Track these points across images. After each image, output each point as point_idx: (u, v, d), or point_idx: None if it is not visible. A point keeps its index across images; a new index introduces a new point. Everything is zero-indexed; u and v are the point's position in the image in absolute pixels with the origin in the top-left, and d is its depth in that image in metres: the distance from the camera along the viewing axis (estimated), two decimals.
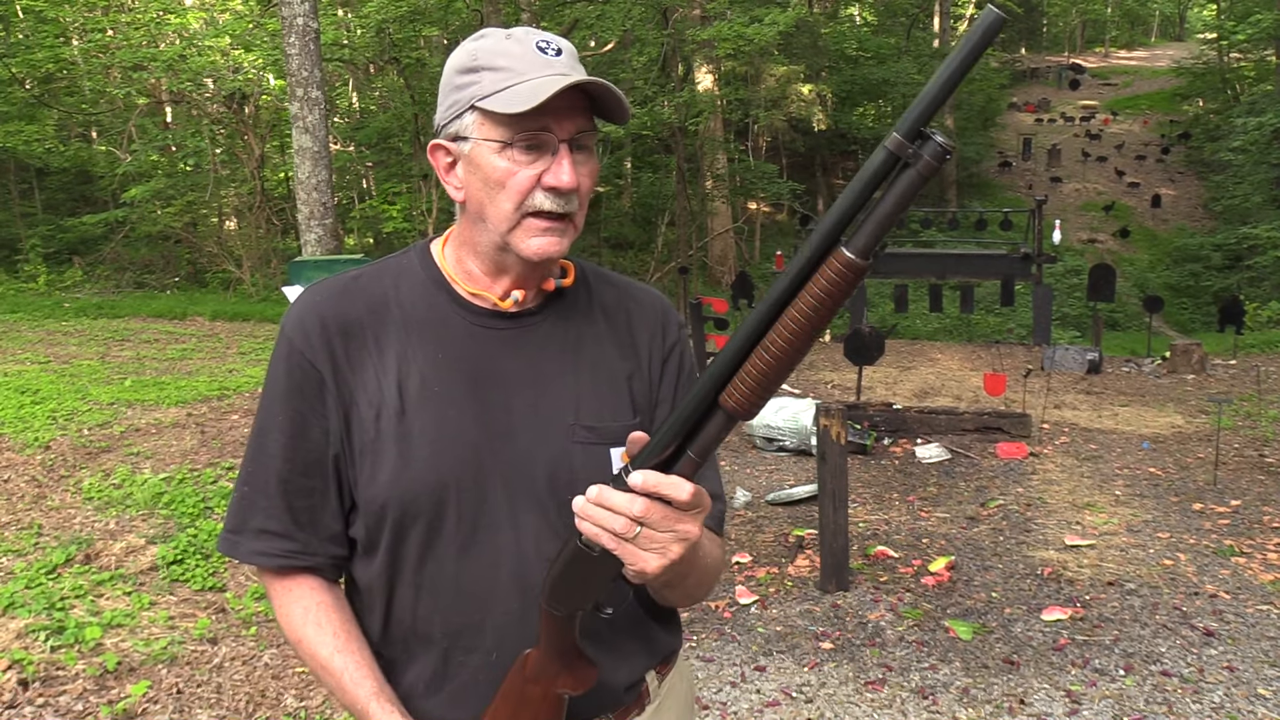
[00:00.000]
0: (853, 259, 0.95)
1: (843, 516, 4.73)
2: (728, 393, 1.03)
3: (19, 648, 3.58)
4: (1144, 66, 45.43)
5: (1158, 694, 3.67)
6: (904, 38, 29.09)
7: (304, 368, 1.28)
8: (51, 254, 19.66)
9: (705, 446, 1.06)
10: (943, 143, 0.92)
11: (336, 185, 14.61)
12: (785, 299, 0.99)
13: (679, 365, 1.44)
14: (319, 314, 1.30)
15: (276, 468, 1.29)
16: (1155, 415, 8.69)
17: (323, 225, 9.25)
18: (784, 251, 17.01)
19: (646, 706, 1.44)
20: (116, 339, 11.84)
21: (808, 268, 0.98)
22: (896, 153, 0.92)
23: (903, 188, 0.93)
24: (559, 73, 1.20)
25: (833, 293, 0.96)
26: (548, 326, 1.33)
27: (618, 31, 18.44)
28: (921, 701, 3.66)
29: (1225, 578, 4.82)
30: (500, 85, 1.20)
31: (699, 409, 1.05)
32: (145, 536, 4.86)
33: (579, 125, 1.23)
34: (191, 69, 17.02)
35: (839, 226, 0.96)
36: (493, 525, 1.27)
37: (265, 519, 1.30)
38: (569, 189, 1.21)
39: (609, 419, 1.32)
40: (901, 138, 0.92)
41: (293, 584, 1.32)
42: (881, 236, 0.95)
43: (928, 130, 0.92)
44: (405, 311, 1.31)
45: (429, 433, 1.26)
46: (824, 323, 0.99)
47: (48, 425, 6.73)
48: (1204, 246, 24.30)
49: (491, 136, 1.22)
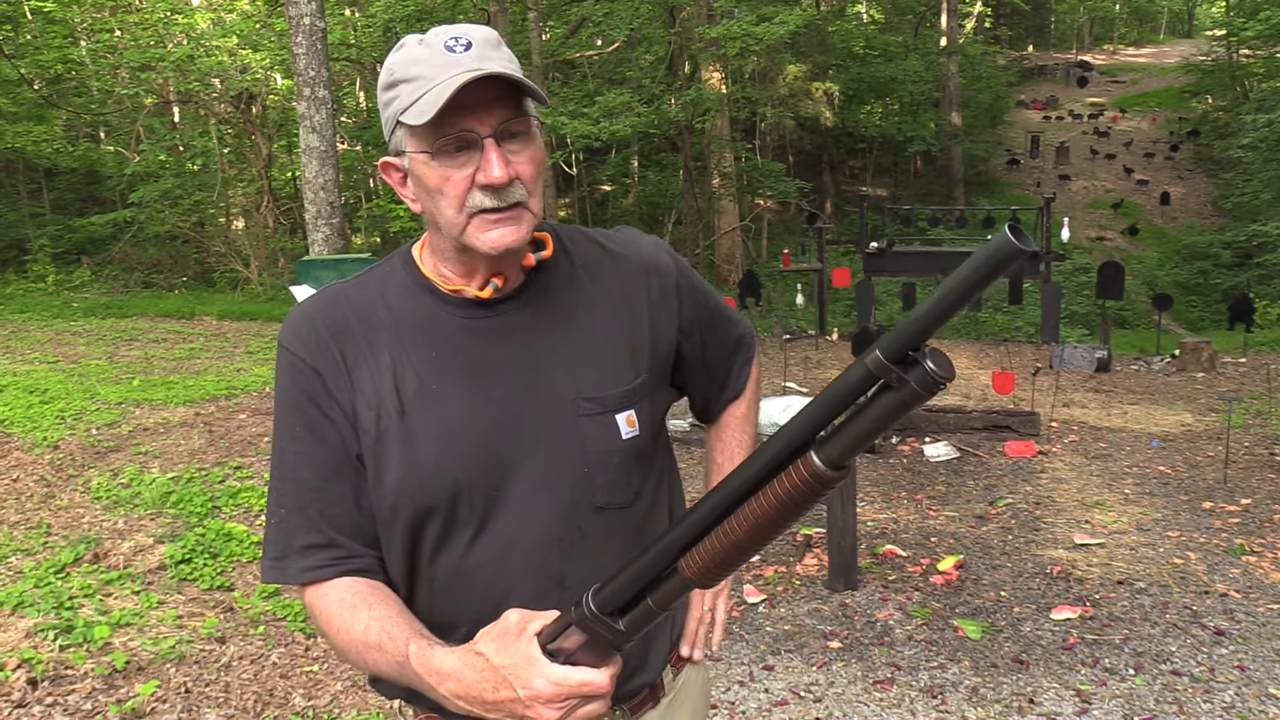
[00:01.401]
0: (822, 469, 0.90)
1: (851, 515, 4.72)
2: (687, 561, 1.02)
3: (28, 647, 3.59)
4: (1152, 63, 45.27)
5: (1168, 693, 3.66)
6: (911, 35, 29.03)
7: (306, 373, 1.29)
8: (60, 254, 19.74)
9: (664, 600, 1.06)
10: (934, 370, 0.81)
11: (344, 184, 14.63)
12: (752, 486, 0.96)
13: (691, 299, 1.45)
14: (311, 321, 1.31)
15: (304, 480, 1.29)
16: (1165, 413, 8.66)
17: (330, 224, 9.26)
18: (790, 250, 16.97)
19: (661, 699, 1.44)
20: (124, 339, 11.87)
21: (778, 460, 0.94)
22: (877, 374, 0.84)
23: (884, 409, 0.86)
24: (466, 70, 1.17)
25: (797, 499, 0.93)
26: (534, 307, 1.33)
27: (625, 30, 18.43)
28: (930, 701, 3.65)
29: (1236, 576, 4.79)
30: (414, 96, 1.19)
31: (659, 565, 1.04)
32: (153, 536, 4.87)
33: (502, 115, 1.21)
34: (199, 69, 17.07)
35: (812, 428, 0.92)
36: (503, 513, 1.28)
37: (307, 535, 1.29)
38: (501, 184, 1.20)
39: (610, 386, 1.32)
40: (884, 359, 0.82)
41: (329, 587, 1.30)
42: (856, 452, 0.90)
43: (918, 354, 0.82)
44: (394, 315, 1.32)
45: (433, 430, 1.27)
46: (786, 522, 0.96)
47: (56, 425, 6.75)
48: (1213, 244, 24.19)
49: (419, 148, 1.22)
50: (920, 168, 30.52)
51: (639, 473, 1.36)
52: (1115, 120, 35.80)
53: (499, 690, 1.09)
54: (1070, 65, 44.56)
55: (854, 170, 30.07)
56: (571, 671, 1.07)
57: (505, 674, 1.08)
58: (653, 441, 1.40)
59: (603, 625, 1.07)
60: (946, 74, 28.53)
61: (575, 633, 1.10)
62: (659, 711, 1.44)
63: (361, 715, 3.49)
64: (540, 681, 1.07)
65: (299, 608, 4.26)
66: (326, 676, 3.76)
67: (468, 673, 1.11)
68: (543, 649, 1.09)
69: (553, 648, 1.10)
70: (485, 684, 1.10)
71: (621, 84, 18.31)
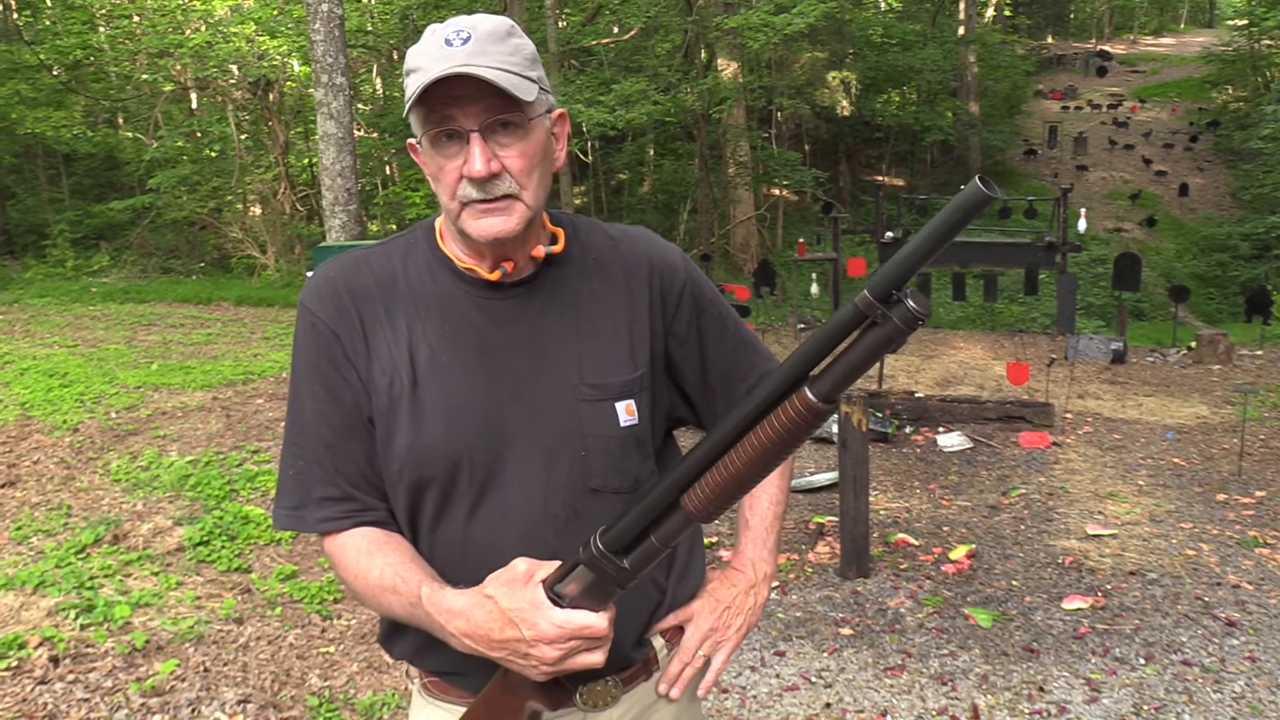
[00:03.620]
0: (814, 402, 0.98)
1: (863, 504, 4.74)
2: (689, 495, 1.08)
3: (49, 625, 3.64)
4: (1173, 53, 44.86)
5: (1178, 683, 3.67)
6: (929, 24, 28.83)
7: (326, 335, 1.34)
8: (79, 239, 19.86)
9: (666, 537, 1.12)
10: (914, 308, 0.91)
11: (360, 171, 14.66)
12: (749, 422, 1.03)
13: (695, 308, 1.47)
14: (333, 284, 1.36)
15: (320, 435, 1.34)
16: (1180, 405, 8.63)
17: (347, 211, 9.31)
18: (806, 239, 16.92)
19: (654, 672, 1.47)
20: (143, 323, 11.95)
21: (773, 397, 1.01)
22: (865, 311, 0.93)
23: (870, 344, 0.94)
24: (455, 65, 1.20)
25: (792, 430, 1.00)
26: (545, 293, 1.37)
27: (642, 18, 18.39)
28: (940, 688, 3.67)
29: (1248, 568, 4.79)
30: (414, 87, 1.23)
31: (663, 502, 1.11)
32: (172, 518, 4.93)
33: (486, 108, 1.23)
34: (217, 55, 17.11)
35: (805, 365, 0.99)
36: (501, 487, 1.32)
37: (324, 487, 1.35)
38: (481, 177, 1.24)
39: (611, 375, 1.36)
40: (872, 298, 0.92)
41: (346, 537, 1.36)
42: (846, 386, 0.98)
43: (900, 293, 0.91)
44: (413, 286, 1.36)
45: (441, 402, 1.31)
46: (781, 454, 1.02)
47: (76, 408, 6.82)
48: (1232, 236, 24.01)
49: (421, 137, 1.28)
50: (937, 157, 30.35)
51: (638, 460, 1.39)
52: (1134, 110, 35.50)
53: (505, 630, 1.16)
54: (1089, 55, 44.20)
55: (870, 159, 29.92)
56: (574, 614, 1.14)
57: (512, 616, 1.15)
58: (656, 433, 1.44)
59: (609, 563, 1.14)
60: (964, 63, 28.35)
61: (577, 578, 1.16)
62: (651, 684, 1.46)
63: (377, 695, 3.53)
64: (545, 623, 1.14)
65: (315, 589, 4.31)
66: (343, 658, 3.81)
67: (476, 613, 1.18)
68: (547, 593, 1.16)
69: (558, 590, 1.17)
70: (493, 624, 1.17)
71: (638, 72, 18.26)
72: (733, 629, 1.48)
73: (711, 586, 1.50)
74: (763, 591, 1.51)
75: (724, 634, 1.47)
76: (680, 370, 1.48)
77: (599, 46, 19.79)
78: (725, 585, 1.50)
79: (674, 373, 1.48)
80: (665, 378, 1.46)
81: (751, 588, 1.50)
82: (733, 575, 1.51)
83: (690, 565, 1.51)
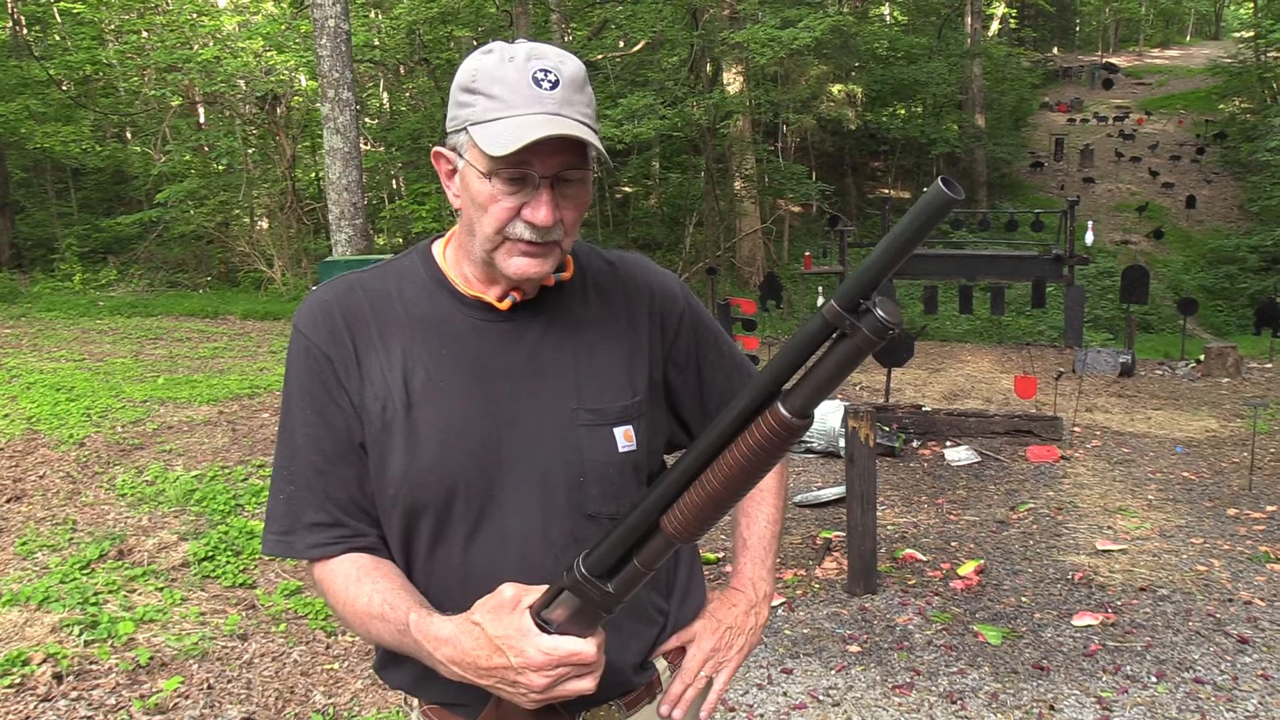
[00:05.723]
0: (787, 418, 0.96)
1: (871, 519, 4.70)
2: (668, 517, 1.07)
3: (53, 641, 3.63)
4: (1179, 65, 44.85)
5: (1190, 701, 3.63)
6: (935, 37, 28.85)
7: (318, 359, 1.32)
8: (87, 253, 19.94)
9: (649, 560, 1.11)
10: (883, 317, 0.88)
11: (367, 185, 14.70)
12: (724, 441, 1.01)
13: (693, 335, 1.47)
14: (327, 308, 1.34)
15: (311, 461, 1.33)
16: (1189, 419, 8.58)
17: (353, 225, 9.32)
18: (812, 252, 16.93)
19: (658, 695, 1.45)
20: (150, 337, 11.98)
21: (746, 414, 0.99)
22: (833, 323, 0.91)
23: (841, 356, 0.92)
24: (548, 111, 1.19)
25: (766, 447, 0.98)
26: (546, 318, 1.36)
27: (649, 32, 18.43)
28: (950, 706, 3.63)
29: (1260, 584, 4.75)
30: (489, 115, 1.21)
31: (643, 525, 1.09)
32: (177, 533, 4.92)
33: (564, 162, 1.23)
34: (225, 71, 17.19)
35: (777, 381, 0.97)
36: (499, 513, 1.31)
37: (314, 512, 1.33)
38: (545, 226, 1.23)
39: (610, 400, 1.35)
40: (839, 309, 0.89)
41: (335, 563, 1.34)
42: (819, 400, 0.95)
43: (868, 302, 0.89)
44: (409, 310, 1.35)
45: (436, 425, 1.29)
46: (758, 472, 1.01)
47: (82, 422, 6.82)
48: (1240, 248, 23.93)
49: (477, 162, 1.24)
50: (943, 170, 30.33)
51: (635, 487, 1.38)
52: (1141, 123, 35.49)
53: (493, 657, 1.14)
54: (1095, 67, 44.20)
55: (877, 172, 29.94)
56: (561, 640, 1.13)
57: (499, 643, 1.14)
58: (653, 459, 1.43)
59: (593, 588, 1.12)
60: (970, 76, 28.36)
61: (564, 604, 1.14)
62: (654, 707, 1.45)
63: (381, 713, 3.51)
64: (532, 650, 1.13)
65: (320, 606, 4.29)
66: (347, 674, 3.78)
67: (464, 640, 1.16)
68: (534, 619, 1.15)
69: (545, 616, 1.15)
70: (480, 651, 1.15)
71: (644, 86, 18.30)
72: (735, 649, 1.47)
73: (712, 607, 1.50)
74: (763, 611, 1.51)
75: (726, 654, 1.47)
76: (679, 397, 1.47)
77: (605, 60, 19.84)
78: (726, 605, 1.50)
79: (672, 399, 1.47)
80: (664, 404, 1.45)
81: (752, 607, 1.50)
82: (733, 595, 1.51)
83: (691, 587, 1.50)
